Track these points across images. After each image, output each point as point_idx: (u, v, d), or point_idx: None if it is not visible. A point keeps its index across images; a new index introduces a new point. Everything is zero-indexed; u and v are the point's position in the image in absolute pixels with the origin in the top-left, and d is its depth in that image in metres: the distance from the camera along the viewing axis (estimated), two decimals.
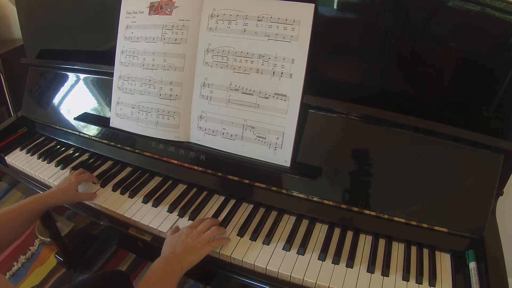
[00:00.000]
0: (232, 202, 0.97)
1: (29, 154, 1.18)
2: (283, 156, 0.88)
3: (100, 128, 1.10)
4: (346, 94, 0.84)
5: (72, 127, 1.17)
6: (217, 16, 0.90)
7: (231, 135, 0.92)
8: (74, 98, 1.17)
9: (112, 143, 1.10)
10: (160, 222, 0.91)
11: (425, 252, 0.84)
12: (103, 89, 1.12)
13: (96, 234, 1.09)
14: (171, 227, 0.89)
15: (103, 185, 1.03)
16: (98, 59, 1.11)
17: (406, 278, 0.77)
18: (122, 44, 1.02)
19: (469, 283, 0.75)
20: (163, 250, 0.80)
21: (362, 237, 0.87)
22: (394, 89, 0.87)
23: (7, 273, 1.56)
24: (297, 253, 0.83)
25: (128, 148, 1.07)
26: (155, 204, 0.96)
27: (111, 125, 1.07)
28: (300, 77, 0.84)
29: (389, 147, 0.83)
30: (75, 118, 1.14)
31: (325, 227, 0.90)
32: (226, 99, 0.91)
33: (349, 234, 0.88)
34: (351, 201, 0.85)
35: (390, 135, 0.83)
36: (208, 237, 0.81)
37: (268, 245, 0.85)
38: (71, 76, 1.18)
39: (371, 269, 0.79)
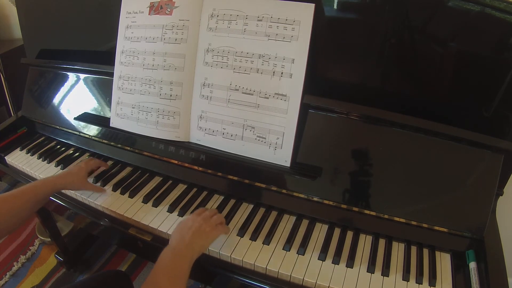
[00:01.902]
0: (232, 202, 0.97)
1: (29, 154, 1.18)
2: (283, 156, 0.88)
3: (100, 128, 1.10)
4: (346, 94, 0.84)
5: (72, 127, 1.17)
6: (217, 16, 0.90)
7: (231, 135, 0.92)
8: (74, 98, 1.17)
9: (112, 143, 1.10)
10: (160, 222, 0.91)
11: (425, 252, 0.84)
12: (103, 89, 1.12)
13: (96, 234, 1.09)
14: (170, 227, 0.89)
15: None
16: (98, 59, 1.11)
17: (406, 278, 0.77)
18: (122, 44, 1.02)
19: (469, 283, 0.75)
20: (171, 239, 0.77)
21: (362, 237, 0.87)
22: (394, 89, 0.87)
23: (7, 273, 1.56)
24: (297, 253, 0.83)
25: (128, 148, 1.07)
26: (155, 204, 0.96)
27: (111, 125, 1.07)
28: (300, 77, 0.84)
29: (389, 147, 0.83)
30: (75, 118, 1.14)
31: (325, 227, 0.90)
32: (226, 99, 0.91)
33: (349, 234, 0.88)
34: (351, 201, 0.85)
35: (390, 135, 0.83)
36: (215, 221, 0.81)
37: (268, 245, 0.85)
38: (71, 76, 1.18)
39: (371, 269, 0.79)
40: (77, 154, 1.17)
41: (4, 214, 0.79)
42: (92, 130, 1.13)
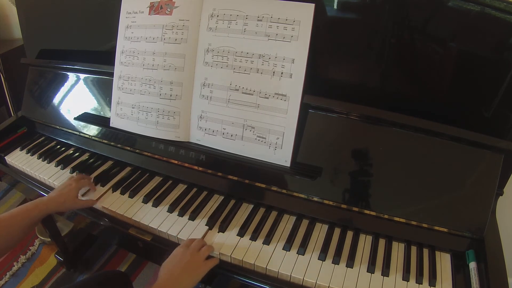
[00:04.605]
0: (232, 202, 0.97)
1: (29, 154, 1.18)
2: (283, 156, 0.88)
3: (100, 128, 1.10)
4: (346, 94, 0.84)
5: (72, 127, 1.17)
6: (217, 16, 0.90)
7: (231, 135, 0.92)
8: (74, 98, 1.17)
9: (112, 143, 1.10)
10: (160, 222, 0.91)
11: (425, 252, 0.84)
12: (103, 89, 1.12)
13: (96, 234, 1.09)
14: (170, 227, 0.89)
15: (103, 185, 1.03)
16: (98, 59, 1.11)
17: (406, 278, 0.77)
18: (122, 44, 1.02)
19: (469, 283, 0.75)
20: (159, 274, 0.76)
21: (362, 237, 0.87)
22: (394, 89, 0.87)
23: (7, 273, 1.56)
24: (297, 253, 0.83)
25: (128, 148, 1.07)
26: (155, 204, 0.96)
27: (111, 125, 1.07)
28: (300, 77, 0.84)
29: (389, 147, 0.83)
30: (75, 118, 1.14)
31: (325, 227, 0.90)
32: (226, 99, 0.91)
33: (349, 234, 0.88)
34: (351, 201, 0.85)
35: (390, 135, 0.83)
36: (204, 254, 0.80)
37: (268, 245, 0.85)
38: (71, 76, 1.18)
39: (371, 269, 0.79)
40: (77, 154, 1.18)
41: None
42: (92, 130, 1.13)
